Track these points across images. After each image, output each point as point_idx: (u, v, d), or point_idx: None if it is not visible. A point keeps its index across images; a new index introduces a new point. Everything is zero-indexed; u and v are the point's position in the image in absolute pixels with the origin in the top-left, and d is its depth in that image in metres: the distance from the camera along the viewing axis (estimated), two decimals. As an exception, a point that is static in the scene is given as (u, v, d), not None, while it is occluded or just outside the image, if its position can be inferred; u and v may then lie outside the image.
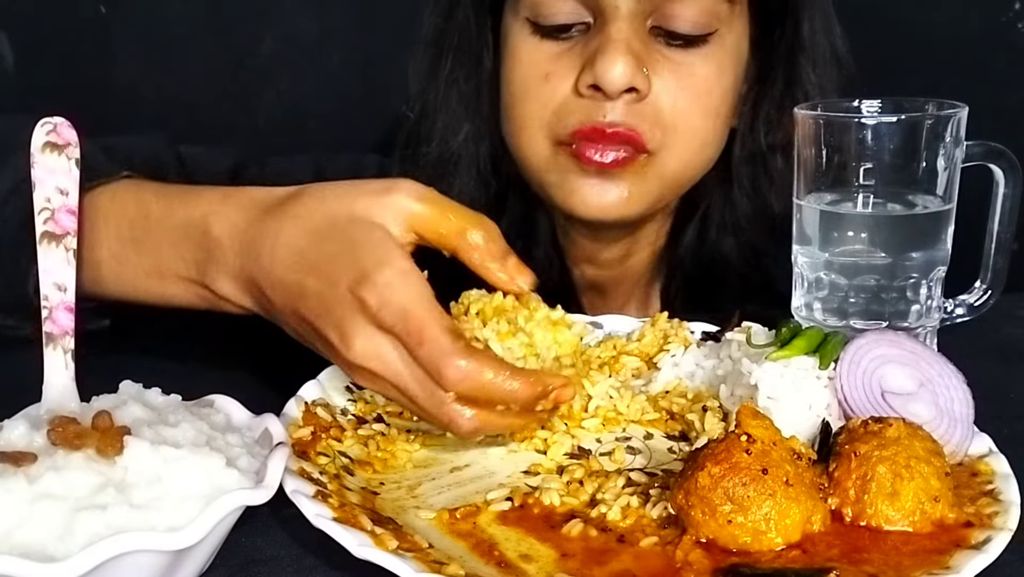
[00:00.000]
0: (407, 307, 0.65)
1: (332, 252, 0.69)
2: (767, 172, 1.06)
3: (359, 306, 0.66)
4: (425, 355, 0.64)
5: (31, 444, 0.57)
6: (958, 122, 0.83)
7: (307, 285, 0.69)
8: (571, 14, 0.95)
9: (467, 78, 1.05)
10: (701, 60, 0.96)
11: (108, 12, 1.56)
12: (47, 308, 0.69)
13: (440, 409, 0.65)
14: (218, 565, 0.60)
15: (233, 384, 0.72)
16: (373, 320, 0.65)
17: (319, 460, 0.68)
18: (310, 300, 0.68)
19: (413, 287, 0.66)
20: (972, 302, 0.93)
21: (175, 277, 0.78)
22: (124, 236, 0.79)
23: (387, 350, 0.66)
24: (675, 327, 0.89)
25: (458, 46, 1.04)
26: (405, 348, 0.65)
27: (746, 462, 0.60)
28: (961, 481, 0.66)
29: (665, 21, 0.94)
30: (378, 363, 0.66)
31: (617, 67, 0.90)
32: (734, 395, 0.77)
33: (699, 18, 0.94)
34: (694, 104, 0.97)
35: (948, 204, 0.85)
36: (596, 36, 0.93)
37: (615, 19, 0.92)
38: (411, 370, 0.66)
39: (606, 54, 0.91)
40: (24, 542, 0.52)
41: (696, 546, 0.60)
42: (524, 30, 0.98)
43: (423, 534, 0.62)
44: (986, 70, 1.59)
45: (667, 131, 0.96)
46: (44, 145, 0.72)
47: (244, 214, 0.74)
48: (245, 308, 0.76)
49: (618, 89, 0.91)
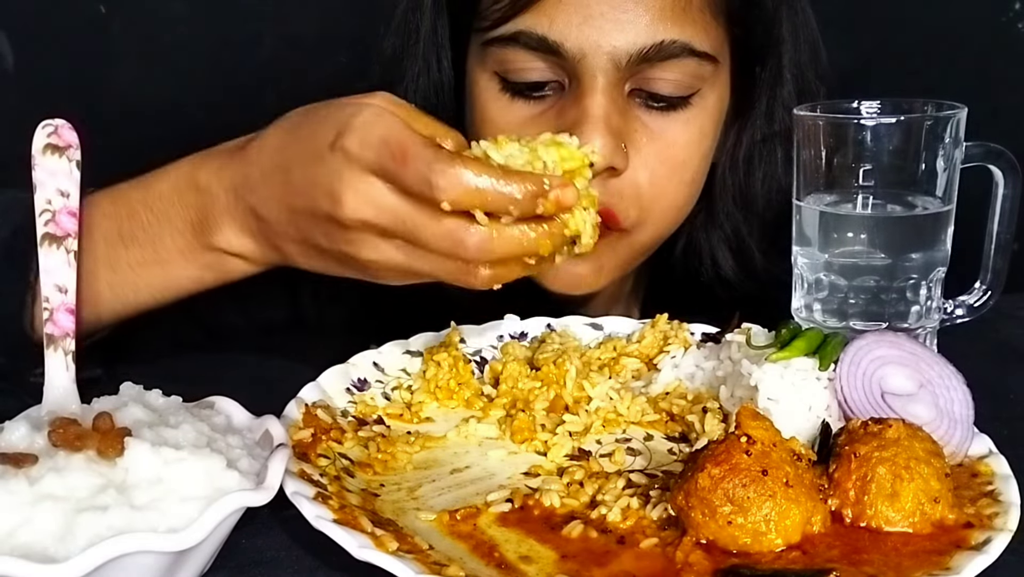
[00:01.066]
0: (386, 135, 0.64)
1: (308, 132, 0.69)
2: (746, 204, 1.03)
3: (342, 158, 0.66)
4: (412, 173, 0.63)
5: (32, 445, 0.57)
6: (957, 123, 0.83)
7: (293, 174, 0.69)
8: (543, 72, 0.89)
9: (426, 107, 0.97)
10: (681, 127, 0.91)
11: (108, 12, 1.56)
12: (48, 310, 0.69)
13: (448, 239, 0.64)
14: (219, 566, 0.60)
15: (234, 386, 0.72)
16: (358, 165, 0.65)
17: (319, 462, 0.68)
18: (298, 187, 0.69)
19: (390, 118, 0.66)
20: (972, 303, 0.93)
21: (175, 254, 0.77)
22: (111, 236, 0.78)
23: (377, 190, 0.65)
24: (675, 328, 0.89)
25: (417, 79, 1.01)
26: (392, 173, 0.64)
27: (746, 463, 0.60)
28: (961, 482, 0.66)
29: (646, 84, 0.89)
30: (371, 209, 0.65)
31: (595, 147, 0.82)
32: (734, 396, 0.77)
33: (683, 80, 0.89)
34: (671, 177, 0.92)
35: (948, 205, 0.85)
36: (572, 105, 0.88)
37: (592, 90, 0.86)
38: (406, 204, 0.65)
39: (584, 134, 0.84)
40: (25, 543, 0.52)
41: (696, 547, 0.60)
42: (493, 85, 0.92)
43: (423, 536, 0.62)
44: (986, 70, 1.59)
45: (643, 208, 0.92)
46: (45, 147, 0.73)
47: (225, 154, 0.75)
48: (251, 256, 0.76)
49: (597, 170, 0.84)
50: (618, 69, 0.86)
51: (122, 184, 0.80)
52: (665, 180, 0.92)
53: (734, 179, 1.03)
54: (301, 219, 0.70)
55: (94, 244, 0.78)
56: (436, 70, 1.00)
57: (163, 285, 0.79)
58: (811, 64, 1.01)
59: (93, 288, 0.78)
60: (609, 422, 0.77)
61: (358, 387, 0.81)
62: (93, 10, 1.55)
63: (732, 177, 1.03)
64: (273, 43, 1.59)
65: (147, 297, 0.80)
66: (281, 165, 0.71)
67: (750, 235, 1.05)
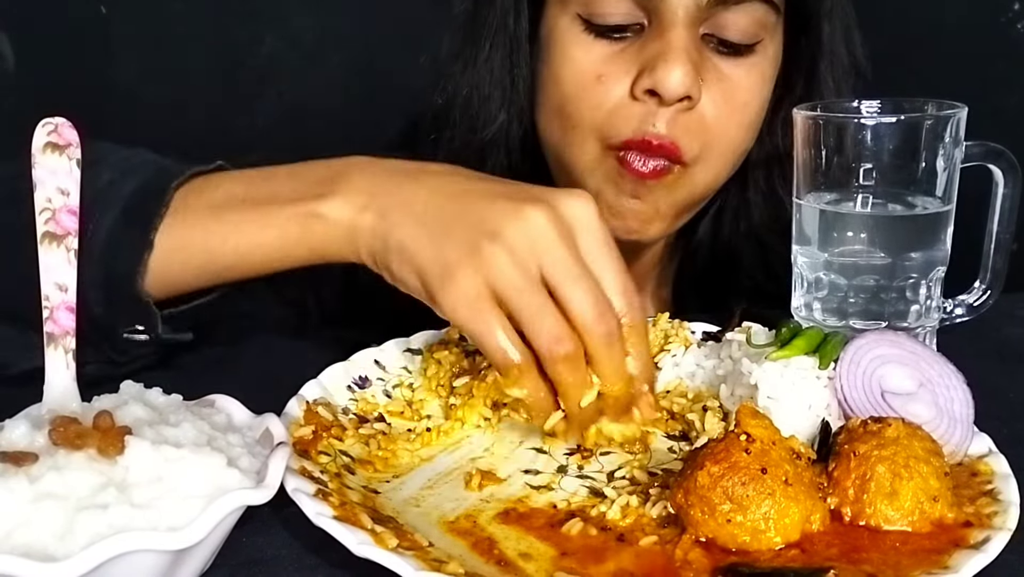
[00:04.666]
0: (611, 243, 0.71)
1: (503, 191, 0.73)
2: (783, 174, 1.06)
3: (537, 208, 0.69)
4: (586, 292, 0.68)
5: (32, 444, 0.57)
6: (957, 122, 0.84)
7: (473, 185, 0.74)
8: (627, 15, 0.93)
9: (503, 65, 1.03)
10: (746, 71, 0.96)
11: (108, 12, 1.56)
12: (48, 308, 0.69)
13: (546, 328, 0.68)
14: (219, 564, 0.60)
15: (234, 384, 0.72)
16: (552, 222, 0.69)
17: (320, 459, 0.68)
18: (475, 194, 0.73)
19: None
20: (971, 302, 0.93)
21: (283, 205, 0.78)
22: (236, 196, 0.80)
23: (543, 234, 0.69)
24: (675, 327, 0.89)
25: (496, 31, 1.02)
26: (564, 273, 0.68)
27: (745, 461, 0.60)
28: (960, 481, 0.66)
29: (718, 30, 0.93)
30: (525, 243, 0.68)
31: (677, 75, 0.90)
32: (734, 395, 0.77)
33: (750, 28, 0.94)
34: (734, 117, 0.97)
35: (947, 204, 0.85)
36: (653, 40, 0.92)
37: (674, 25, 0.91)
38: (538, 287, 0.68)
39: (668, 61, 0.90)
40: (25, 542, 0.52)
41: (695, 545, 0.60)
42: (575, 27, 0.96)
43: (423, 532, 0.62)
44: (986, 70, 1.59)
45: (705, 144, 0.95)
46: (45, 145, 0.73)
47: (377, 160, 0.78)
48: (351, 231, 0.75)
49: (677, 96, 0.91)
50: (699, 8, 0.91)
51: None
52: (727, 119, 0.96)
53: (773, 142, 1.06)
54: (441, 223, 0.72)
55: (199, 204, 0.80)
56: (513, 23, 1.02)
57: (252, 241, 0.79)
58: (845, 40, 1.05)
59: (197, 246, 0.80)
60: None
61: (359, 385, 0.81)
62: (93, 10, 1.56)
63: (771, 140, 1.06)
64: (273, 43, 1.59)
65: (235, 252, 0.80)
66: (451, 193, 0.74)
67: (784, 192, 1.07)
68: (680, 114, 0.93)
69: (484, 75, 1.03)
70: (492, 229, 0.69)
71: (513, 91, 1.03)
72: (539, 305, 0.68)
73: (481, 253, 0.68)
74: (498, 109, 1.04)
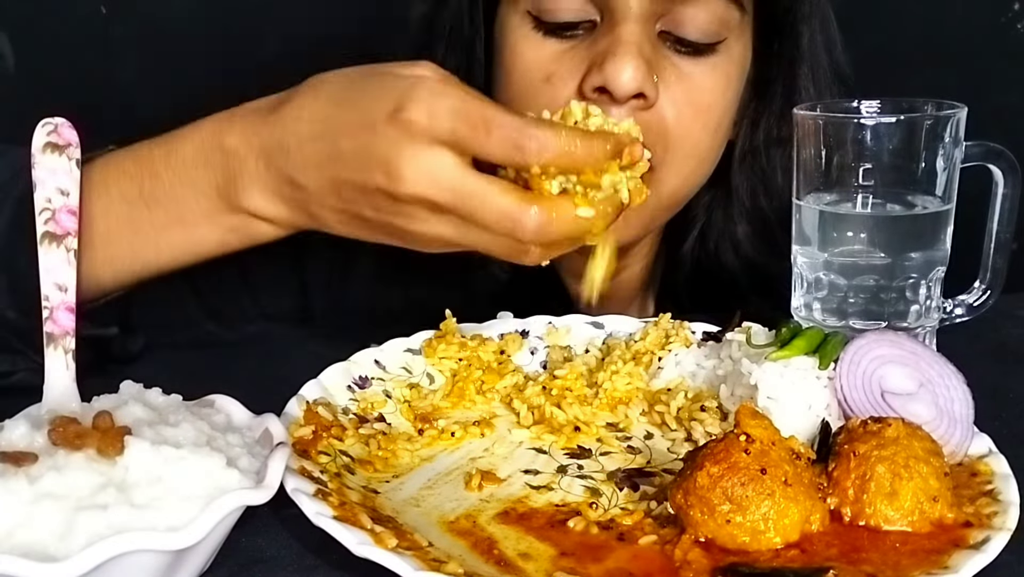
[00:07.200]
0: (459, 106, 0.65)
1: (358, 102, 0.68)
2: (765, 185, 1.04)
3: (403, 130, 0.65)
4: (498, 140, 0.64)
5: (32, 444, 0.57)
6: (957, 122, 0.83)
7: (341, 146, 0.68)
8: (578, 11, 0.90)
9: (459, 68, 0.98)
10: (708, 71, 0.92)
11: (108, 12, 1.56)
12: (48, 308, 0.69)
13: (507, 220, 0.65)
14: (219, 564, 0.60)
15: (234, 384, 0.72)
16: (425, 136, 0.65)
17: (320, 459, 0.68)
18: (347, 158, 0.68)
19: (456, 89, 0.66)
20: (971, 302, 0.93)
21: (200, 216, 0.76)
22: (131, 197, 0.77)
23: (440, 164, 0.65)
24: (676, 327, 0.89)
25: (450, 33, 1.00)
26: (473, 143, 0.65)
27: (745, 462, 0.60)
28: (960, 481, 0.66)
29: (675, 27, 0.90)
30: (431, 186, 0.65)
31: (628, 70, 0.86)
32: (734, 395, 0.77)
33: (710, 25, 0.90)
34: (697, 118, 0.93)
35: (947, 204, 0.85)
36: (604, 36, 0.89)
37: (626, 19, 0.87)
38: (467, 178, 0.65)
39: (617, 56, 0.86)
40: (25, 542, 0.52)
41: (695, 545, 0.60)
42: (525, 24, 0.93)
43: (423, 532, 0.62)
44: (986, 70, 1.59)
45: (668, 146, 0.92)
46: (45, 145, 0.73)
47: (253, 116, 0.74)
48: (280, 220, 0.75)
49: (628, 93, 0.87)
50: (652, 1, 0.88)
51: (143, 144, 0.79)
52: (691, 120, 0.92)
53: (753, 155, 1.03)
54: (346, 189, 0.69)
55: (113, 204, 0.77)
56: (468, 23, 0.99)
57: (185, 247, 0.78)
58: (826, 47, 1.02)
59: (113, 248, 0.77)
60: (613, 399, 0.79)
61: (359, 385, 0.81)
62: (93, 10, 1.55)
63: (751, 154, 1.03)
64: (273, 43, 1.59)
65: (168, 259, 0.79)
66: (324, 134, 0.69)
67: (770, 209, 1.05)
68: (637, 113, 0.88)
69: None
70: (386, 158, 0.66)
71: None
72: (499, 138, 0.65)
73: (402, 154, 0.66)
74: None
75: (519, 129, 0.64)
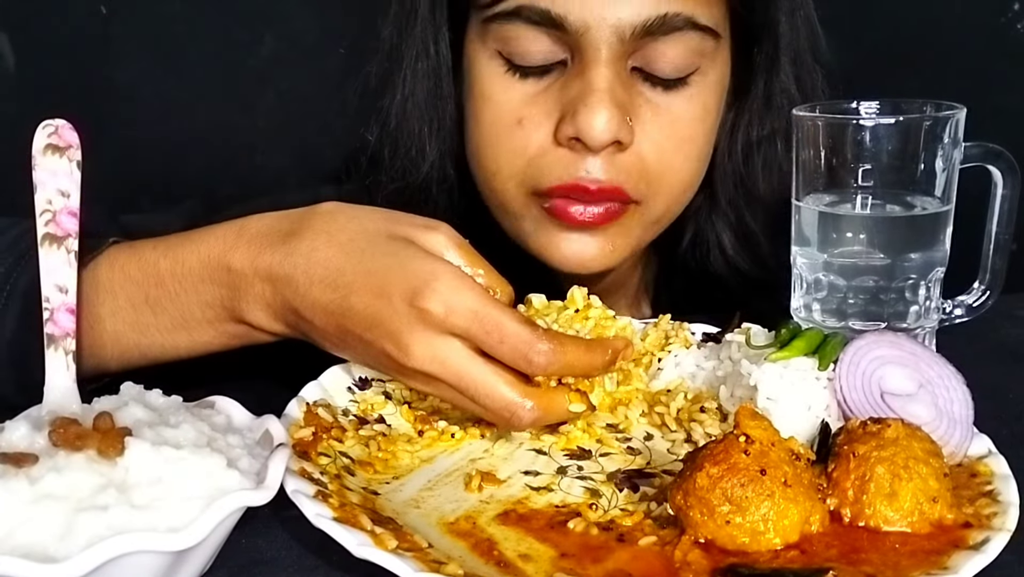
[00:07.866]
0: (477, 309, 0.67)
1: (376, 267, 0.70)
2: (748, 195, 1.03)
3: (418, 316, 0.67)
4: (509, 349, 0.67)
5: (32, 445, 0.57)
6: (956, 123, 0.84)
7: (353, 303, 0.70)
8: (547, 53, 0.87)
9: (428, 98, 0.97)
10: (685, 102, 0.90)
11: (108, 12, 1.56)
12: (48, 310, 0.69)
13: (505, 410, 0.68)
14: (219, 566, 0.61)
15: (234, 385, 0.72)
16: (439, 327, 0.67)
17: (320, 460, 0.68)
18: (357, 316, 0.70)
19: (474, 290, 0.68)
20: (971, 303, 0.93)
21: (204, 324, 0.77)
22: (137, 301, 0.77)
23: (448, 351, 0.68)
24: (676, 328, 0.89)
25: (418, 59, 0.96)
26: (484, 346, 0.68)
27: (744, 463, 0.60)
28: (960, 482, 0.66)
29: (647, 63, 0.87)
30: (437, 366, 0.68)
31: (601, 120, 0.84)
32: (734, 396, 0.77)
33: (684, 59, 0.87)
34: (679, 151, 0.91)
35: (946, 205, 0.85)
36: (575, 79, 0.86)
37: (596, 63, 0.85)
38: (473, 367, 0.68)
39: (589, 105, 0.84)
40: (25, 543, 0.52)
41: (694, 546, 0.60)
42: (494, 64, 0.90)
43: (423, 534, 0.62)
44: (986, 70, 1.59)
45: (651, 181, 0.90)
46: (45, 147, 0.73)
47: (262, 241, 0.74)
48: (279, 334, 0.76)
49: (603, 144, 0.85)
50: (622, 42, 0.85)
51: (146, 246, 0.79)
52: (671, 155, 0.91)
53: (734, 165, 1.02)
54: (352, 338, 0.71)
55: (121, 309, 0.78)
56: (434, 53, 0.97)
57: (191, 347, 0.79)
58: (808, 50, 1.00)
59: (121, 347, 0.78)
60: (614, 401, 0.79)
61: (359, 386, 0.81)
62: (93, 10, 1.55)
63: (732, 164, 1.02)
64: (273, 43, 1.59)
65: (174, 355, 0.80)
66: (336, 286, 0.71)
67: (755, 220, 1.05)
68: (615, 156, 0.87)
69: (411, 109, 0.98)
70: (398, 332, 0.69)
71: (440, 125, 0.98)
72: (497, 340, 0.68)
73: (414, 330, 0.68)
74: (428, 146, 0.98)
75: (529, 344, 0.67)
